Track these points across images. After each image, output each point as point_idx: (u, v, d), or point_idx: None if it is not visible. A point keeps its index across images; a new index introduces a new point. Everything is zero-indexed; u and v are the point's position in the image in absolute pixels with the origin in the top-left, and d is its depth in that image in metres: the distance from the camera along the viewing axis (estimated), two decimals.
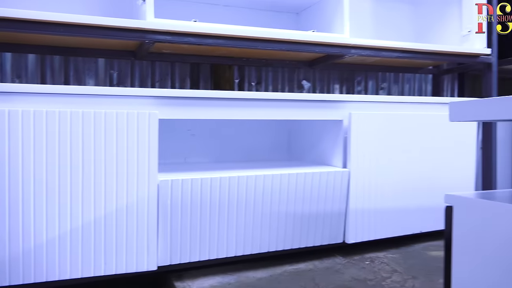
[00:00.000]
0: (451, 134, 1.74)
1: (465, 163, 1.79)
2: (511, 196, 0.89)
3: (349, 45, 1.62)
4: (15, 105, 1.15)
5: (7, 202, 1.12)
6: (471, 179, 1.82)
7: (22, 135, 1.13)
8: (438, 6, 2.12)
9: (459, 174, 1.77)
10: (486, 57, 1.89)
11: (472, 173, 1.82)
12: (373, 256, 1.60)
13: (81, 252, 1.21)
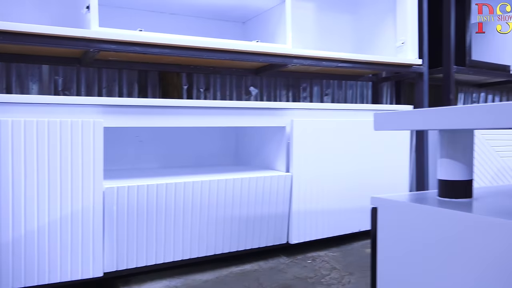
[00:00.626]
0: (387, 139, 1.87)
1: (400, 166, 1.92)
2: (431, 197, 0.99)
3: (291, 55, 1.71)
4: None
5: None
6: (406, 180, 1.96)
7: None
8: (376, 18, 2.25)
9: (395, 176, 1.91)
10: (418, 67, 2.04)
11: (406, 175, 1.96)
12: (315, 255, 1.69)
13: (24, 261, 1.21)
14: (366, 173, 1.82)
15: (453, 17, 2.13)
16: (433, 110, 0.88)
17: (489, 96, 3.24)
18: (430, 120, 0.89)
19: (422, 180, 2.06)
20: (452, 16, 2.12)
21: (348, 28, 2.39)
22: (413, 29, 2.03)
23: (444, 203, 0.89)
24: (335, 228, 1.77)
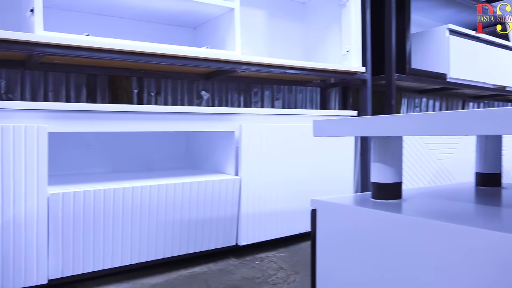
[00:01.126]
0: (333, 143, 1.96)
1: (345, 169, 2.02)
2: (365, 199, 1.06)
3: (240, 61, 1.75)
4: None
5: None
6: (350, 183, 2.05)
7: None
8: (323, 26, 2.35)
9: (340, 178, 2.00)
10: (362, 74, 2.15)
11: (351, 178, 2.05)
12: (264, 255, 1.74)
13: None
14: (313, 176, 1.89)
15: (394, 28, 2.25)
16: (364, 119, 0.95)
17: (430, 101, 3.44)
18: (362, 128, 0.96)
19: (366, 183, 2.16)
20: (393, 27, 2.25)
21: (297, 36, 2.47)
22: (357, 38, 2.14)
23: (375, 204, 0.96)
24: (283, 229, 1.83)
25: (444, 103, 3.55)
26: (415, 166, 2.31)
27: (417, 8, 2.93)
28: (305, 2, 2.47)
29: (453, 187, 1.25)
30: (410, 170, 2.27)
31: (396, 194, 1.02)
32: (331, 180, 1.95)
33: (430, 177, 2.38)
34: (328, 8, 2.30)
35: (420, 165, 2.34)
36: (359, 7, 2.14)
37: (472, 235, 0.70)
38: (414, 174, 2.29)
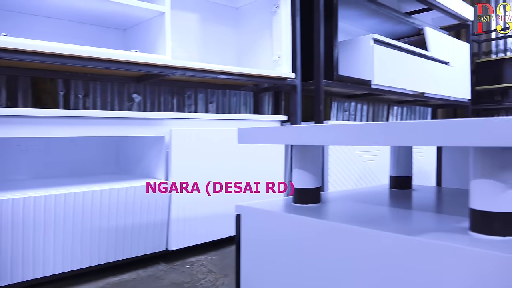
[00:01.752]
0: (264, 148, 2.01)
1: (275, 173, 2.08)
2: (286, 203, 1.11)
3: (171, 66, 1.75)
4: None
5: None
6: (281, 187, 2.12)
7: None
8: (256, 32, 2.40)
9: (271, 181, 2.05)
10: (292, 80, 2.23)
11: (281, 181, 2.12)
12: (194, 260, 1.75)
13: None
14: (243, 180, 1.93)
15: (322, 36, 2.36)
16: (285, 129, 1.00)
17: (358, 105, 3.63)
18: (284, 137, 1.01)
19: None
20: (321, 35, 2.35)
21: (231, 40, 2.51)
22: (287, 45, 2.21)
23: (294, 208, 1.02)
24: (214, 233, 1.85)
25: (371, 107, 3.76)
26: (341, 167, 2.43)
27: (345, 16, 3.08)
28: (238, 7, 2.51)
29: (369, 190, 1.34)
30: (337, 171, 2.39)
31: (315, 199, 1.08)
32: (262, 184, 2.00)
33: (356, 178, 2.52)
34: (260, 14, 2.35)
35: (347, 166, 2.46)
36: (289, 15, 2.22)
37: (379, 238, 0.77)
38: (341, 175, 2.41)
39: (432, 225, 0.82)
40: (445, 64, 3.45)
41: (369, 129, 0.80)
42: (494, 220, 0.71)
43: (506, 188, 0.70)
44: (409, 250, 0.72)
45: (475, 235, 0.72)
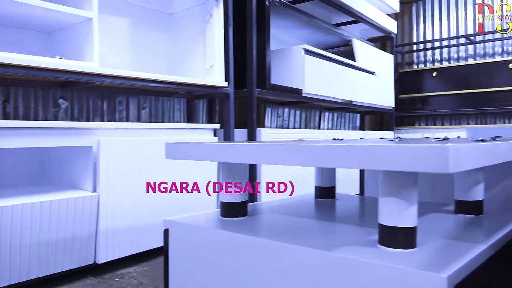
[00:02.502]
0: None
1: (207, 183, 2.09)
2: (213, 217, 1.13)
3: (99, 74, 1.70)
4: None
5: None
6: (214, 198, 2.13)
7: None
8: (189, 40, 2.40)
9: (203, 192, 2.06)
10: (225, 89, 2.25)
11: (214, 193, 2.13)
12: (124, 272, 1.72)
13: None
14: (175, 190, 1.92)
15: (254, 45, 2.41)
16: (210, 146, 1.02)
17: (291, 111, 3.73)
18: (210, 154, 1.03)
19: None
20: (254, 44, 2.40)
21: (164, 47, 2.48)
22: (220, 54, 2.23)
23: (220, 222, 1.04)
24: (145, 244, 1.83)
25: (304, 113, 3.89)
26: (275, 175, 2.49)
27: (279, 26, 3.17)
28: (172, 13, 2.49)
29: (295, 200, 1.40)
30: (270, 178, 2.45)
31: (242, 212, 1.11)
32: (195, 194, 2.00)
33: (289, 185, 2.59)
34: (194, 22, 2.35)
35: (280, 174, 2.53)
36: (222, 24, 2.24)
37: (295, 252, 0.81)
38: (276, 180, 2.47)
39: (345, 239, 0.88)
40: (371, 74, 3.65)
41: (292, 150, 0.84)
42: (398, 234, 0.78)
43: (408, 205, 0.77)
44: (323, 264, 0.77)
45: (383, 249, 0.79)
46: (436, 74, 4.48)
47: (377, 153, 0.69)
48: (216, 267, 0.97)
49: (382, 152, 0.69)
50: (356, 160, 0.72)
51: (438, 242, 0.83)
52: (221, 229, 0.97)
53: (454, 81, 4.39)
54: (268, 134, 2.52)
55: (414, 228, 0.79)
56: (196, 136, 2.15)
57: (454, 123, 4.71)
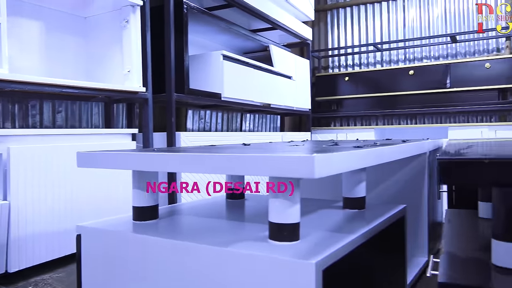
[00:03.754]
0: None
1: (126, 188, 2.12)
2: (126, 221, 1.19)
3: (8, 80, 1.67)
4: None
5: None
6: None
7: None
8: (106, 45, 2.40)
9: (122, 196, 2.09)
10: (143, 94, 2.29)
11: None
12: (39, 279, 1.71)
13: None
14: (89, 193, 1.94)
15: (173, 50, 2.47)
16: (121, 155, 1.09)
17: (213, 114, 3.83)
18: (121, 163, 1.09)
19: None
20: (172, 50, 2.46)
21: (79, 51, 2.45)
22: (138, 59, 2.27)
23: (131, 226, 1.11)
24: (61, 249, 1.83)
25: (226, 115, 4.01)
26: (194, 175, 2.58)
27: (200, 31, 3.25)
28: (87, 17, 2.47)
29: (207, 202, 1.50)
30: (190, 180, 2.53)
31: (153, 215, 1.19)
32: (112, 198, 2.03)
33: (210, 186, 2.69)
34: (110, 27, 2.36)
35: (199, 175, 2.62)
36: (139, 30, 2.28)
37: (195, 250, 0.91)
38: (196, 180, 2.56)
39: (243, 235, 1.00)
40: (289, 78, 3.87)
41: (194, 159, 0.94)
42: (284, 230, 0.91)
43: (292, 205, 0.91)
44: (218, 258, 0.88)
45: (272, 242, 0.91)
46: (348, 79, 4.83)
47: (255, 162, 0.82)
48: (126, 269, 1.04)
49: (258, 161, 0.81)
50: (239, 168, 0.84)
51: (319, 234, 0.97)
52: (130, 232, 1.04)
53: (364, 85, 4.76)
54: (187, 137, 2.60)
55: (297, 224, 0.92)
56: (114, 141, 2.17)
57: (365, 124, 5.10)
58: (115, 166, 1.09)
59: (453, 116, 4.59)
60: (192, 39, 3.26)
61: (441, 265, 0.74)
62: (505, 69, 4.04)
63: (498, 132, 3.93)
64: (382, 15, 5.02)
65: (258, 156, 0.83)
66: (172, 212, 1.31)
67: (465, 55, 4.61)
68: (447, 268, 0.73)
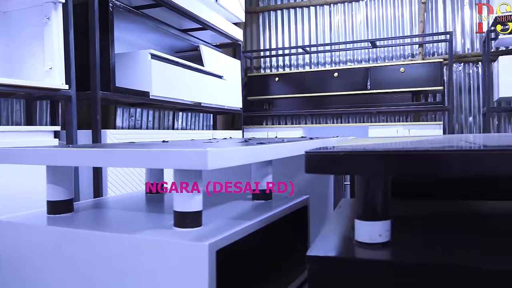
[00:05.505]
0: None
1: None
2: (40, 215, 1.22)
3: None
4: None
5: None
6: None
7: None
8: (28, 39, 2.35)
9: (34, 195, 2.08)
10: (66, 91, 2.28)
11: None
12: None
13: None
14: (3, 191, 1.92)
15: (98, 48, 2.48)
16: (35, 151, 1.13)
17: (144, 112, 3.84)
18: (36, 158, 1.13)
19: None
20: (97, 47, 2.47)
21: None
22: (60, 56, 2.25)
23: (45, 219, 1.16)
24: None
25: (157, 113, 4.02)
26: (121, 172, 2.60)
27: (129, 29, 3.26)
28: (6, 11, 2.41)
29: (125, 196, 1.56)
30: (116, 176, 2.55)
31: (68, 209, 1.24)
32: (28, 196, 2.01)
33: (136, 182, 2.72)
34: (31, 23, 2.32)
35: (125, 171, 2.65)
36: (61, 27, 2.26)
37: (103, 238, 0.98)
38: (121, 180, 2.58)
39: (152, 224, 1.08)
40: (219, 78, 3.97)
41: (95, 154, 1.01)
42: (186, 217, 1.01)
43: (193, 195, 1.01)
44: (127, 246, 0.96)
45: (176, 229, 1.01)
46: (279, 79, 5.03)
47: (157, 156, 0.91)
48: (41, 260, 1.08)
49: (160, 155, 0.91)
50: (142, 162, 0.93)
51: (220, 221, 1.08)
52: (44, 225, 1.09)
53: (293, 86, 4.98)
54: (113, 135, 2.61)
55: (199, 212, 1.02)
56: (35, 139, 2.14)
57: (295, 123, 5.34)
58: (34, 162, 1.13)
59: (374, 116, 4.94)
60: (121, 37, 3.27)
61: (315, 242, 0.88)
62: (418, 73, 4.42)
63: (412, 130, 4.31)
64: (311, 20, 5.28)
65: (160, 151, 0.92)
66: (88, 206, 1.36)
67: (384, 60, 4.98)
68: (317, 244, 0.86)
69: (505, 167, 0.71)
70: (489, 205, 1.23)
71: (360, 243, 0.87)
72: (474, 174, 0.71)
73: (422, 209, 1.22)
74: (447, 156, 0.71)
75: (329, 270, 0.79)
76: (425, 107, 4.50)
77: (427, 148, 0.75)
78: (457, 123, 4.71)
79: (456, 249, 0.83)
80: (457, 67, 4.71)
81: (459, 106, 4.71)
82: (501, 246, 0.84)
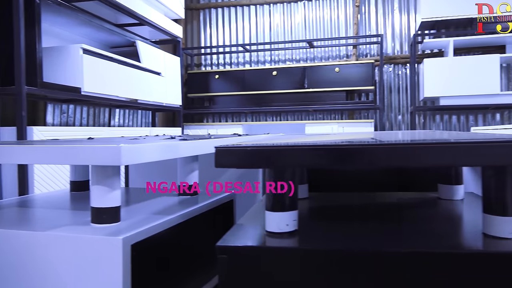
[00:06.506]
0: None
1: None
2: None
3: None
4: None
5: None
6: None
7: None
8: None
9: None
10: None
11: None
12: None
13: None
14: None
15: (23, 41, 2.37)
16: None
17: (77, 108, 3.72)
18: None
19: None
20: (21, 40, 2.36)
21: None
22: None
23: None
24: None
25: (92, 109, 3.91)
26: (48, 169, 2.51)
27: (59, 23, 3.13)
28: None
29: (50, 194, 1.53)
30: (43, 175, 2.46)
31: None
32: None
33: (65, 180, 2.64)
34: None
35: (53, 168, 2.56)
36: None
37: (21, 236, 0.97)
38: (49, 178, 2.49)
39: (70, 221, 1.08)
40: (157, 74, 3.92)
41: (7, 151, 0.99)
42: (104, 213, 1.02)
43: (111, 191, 1.02)
44: (44, 243, 0.95)
45: (93, 225, 1.01)
46: (219, 77, 5.05)
47: (72, 152, 0.91)
48: None
49: (69, 151, 0.91)
50: (56, 158, 0.93)
51: (140, 217, 1.10)
52: None
53: (234, 83, 5.02)
54: (41, 132, 2.52)
55: (117, 208, 1.04)
56: None
57: (235, 120, 5.39)
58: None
59: (311, 114, 5.10)
60: (52, 31, 3.15)
61: (226, 234, 0.92)
62: (351, 73, 4.62)
63: (345, 128, 4.50)
64: (251, 18, 5.35)
65: (74, 147, 0.93)
66: (8, 204, 1.32)
67: (321, 60, 5.16)
68: (228, 235, 0.91)
69: (392, 159, 0.79)
70: (396, 196, 1.34)
71: (269, 233, 0.93)
72: (363, 167, 0.79)
73: (333, 201, 1.31)
74: (321, 151, 0.78)
75: (236, 259, 0.84)
76: (358, 106, 4.72)
77: (313, 143, 0.81)
78: (387, 121, 4.98)
79: (356, 236, 0.91)
80: (388, 68, 4.98)
81: (389, 104, 4.99)
82: (398, 232, 0.94)
